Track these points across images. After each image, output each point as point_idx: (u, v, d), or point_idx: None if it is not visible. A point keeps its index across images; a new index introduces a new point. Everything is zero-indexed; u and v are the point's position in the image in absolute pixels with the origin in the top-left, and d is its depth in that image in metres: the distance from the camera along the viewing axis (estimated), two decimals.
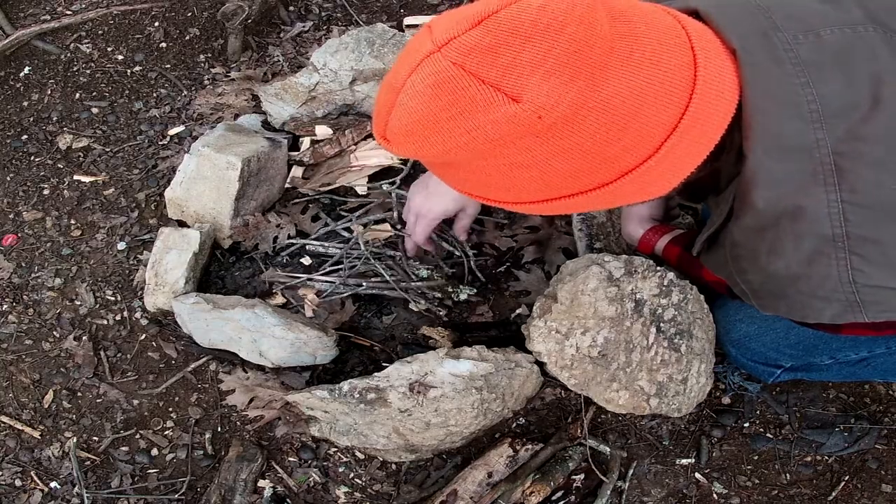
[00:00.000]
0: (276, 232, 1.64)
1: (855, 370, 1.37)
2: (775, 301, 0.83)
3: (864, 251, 0.74)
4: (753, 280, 0.84)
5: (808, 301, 0.79)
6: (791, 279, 0.78)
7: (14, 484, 1.45)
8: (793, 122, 0.73)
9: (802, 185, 0.74)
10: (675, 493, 1.43)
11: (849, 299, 0.76)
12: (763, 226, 0.79)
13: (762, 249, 0.80)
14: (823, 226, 0.74)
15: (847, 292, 0.76)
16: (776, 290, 0.81)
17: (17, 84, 2.02)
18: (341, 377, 1.46)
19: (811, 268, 0.76)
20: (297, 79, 1.83)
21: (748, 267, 0.84)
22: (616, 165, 0.71)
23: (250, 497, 1.40)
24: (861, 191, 0.72)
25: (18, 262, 1.71)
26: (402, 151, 0.74)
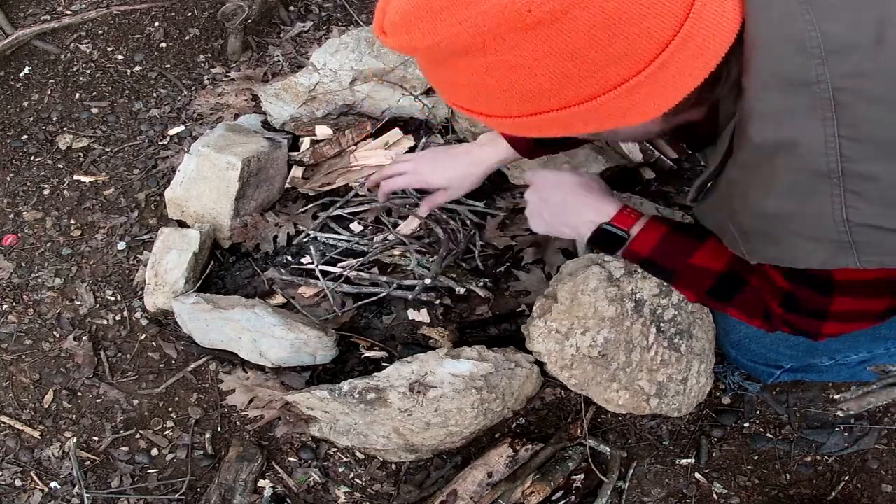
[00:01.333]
0: (275, 231, 1.64)
1: (855, 371, 1.36)
2: (765, 244, 0.80)
3: (860, 188, 0.71)
4: (745, 221, 0.82)
5: (799, 243, 0.76)
6: (783, 218, 0.77)
7: (14, 484, 1.45)
8: (795, 56, 0.72)
9: (800, 120, 0.72)
10: (675, 493, 1.43)
11: (841, 239, 0.73)
12: (758, 161, 0.77)
13: (756, 186, 0.78)
14: (819, 161, 0.72)
15: (840, 232, 0.73)
16: (767, 231, 0.79)
17: (17, 84, 2.02)
18: (341, 377, 1.46)
19: (804, 205, 0.74)
20: (297, 79, 1.83)
21: (740, 207, 0.82)
22: (603, 76, 0.70)
23: (250, 497, 1.40)
24: (860, 126, 0.71)
25: (18, 262, 1.71)
26: (396, 44, 0.74)
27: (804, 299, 0.96)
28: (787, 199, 0.75)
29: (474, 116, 0.80)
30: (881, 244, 0.73)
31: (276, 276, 1.59)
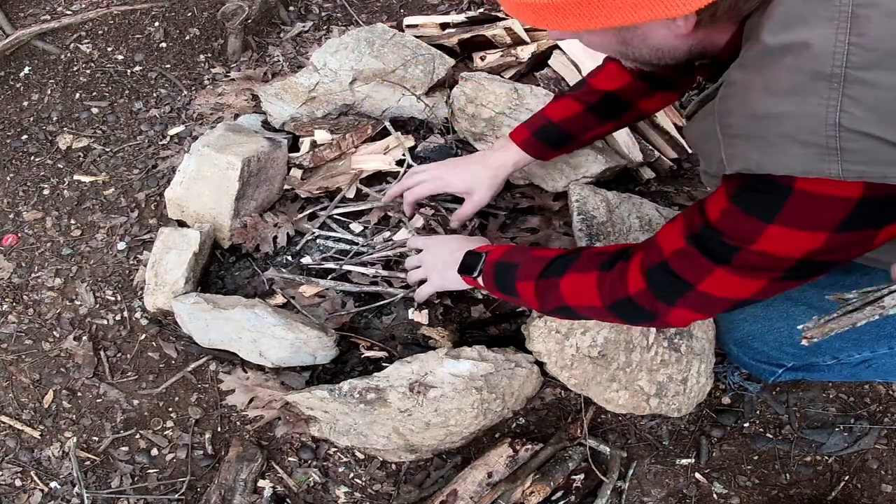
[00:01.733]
0: (275, 231, 1.64)
1: (856, 371, 1.36)
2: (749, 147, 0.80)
3: (858, 93, 0.72)
4: (735, 123, 0.82)
5: (786, 145, 0.76)
6: (776, 119, 0.77)
7: (14, 484, 1.45)
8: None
9: (815, 26, 0.74)
10: (675, 493, 1.43)
11: (829, 144, 0.73)
12: (765, 62, 0.78)
13: (757, 86, 0.79)
14: (825, 63, 0.73)
15: (829, 136, 0.73)
16: (756, 132, 0.79)
17: (17, 84, 2.02)
18: (341, 377, 1.46)
19: (800, 106, 0.75)
20: (297, 79, 1.83)
21: (735, 107, 0.82)
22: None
23: (250, 497, 1.40)
24: (870, 35, 0.72)
25: (18, 262, 1.71)
26: None
27: (681, 267, 0.97)
28: (785, 99, 0.76)
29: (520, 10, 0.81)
30: (867, 153, 0.73)
31: (276, 275, 1.59)
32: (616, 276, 1.07)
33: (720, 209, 0.90)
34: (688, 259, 0.96)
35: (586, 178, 1.66)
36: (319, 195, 1.69)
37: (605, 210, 1.57)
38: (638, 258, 1.06)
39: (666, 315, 1.04)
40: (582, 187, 1.61)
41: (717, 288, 0.96)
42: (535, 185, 1.70)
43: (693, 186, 1.79)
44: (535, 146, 1.45)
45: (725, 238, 0.90)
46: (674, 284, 0.99)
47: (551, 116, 1.43)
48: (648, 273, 1.03)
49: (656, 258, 1.01)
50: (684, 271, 0.97)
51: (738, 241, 0.89)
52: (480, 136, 1.73)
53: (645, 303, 1.04)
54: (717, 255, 0.92)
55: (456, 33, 1.95)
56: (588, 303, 1.13)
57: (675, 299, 1.01)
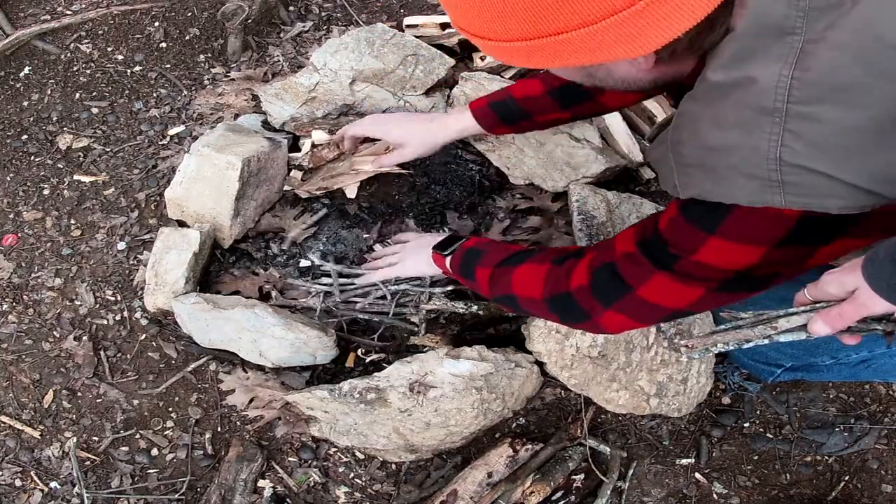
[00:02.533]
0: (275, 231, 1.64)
1: (855, 371, 1.37)
2: (701, 177, 0.81)
3: (799, 128, 0.73)
4: (687, 153, 0.83)
5: (733, 177, 0.77)
6: (724, 152, 0.78)
7: (14, 484, 1.45)
8: (778, 6, 0.75)
9: (763, 62, 0.75)
10: (675, 493, 1.43)
11: (770, 177, 0.75)
12: (714, 96, 0.79)
13: (706, 119, 0.80)
14: (768, 97, 0.74)
15: (770, 169, 0.74)
16: (706, 163, 0.80)
17: (17, 84, 2.02)
18: (341, 377, 1.46)
19: (745, 139, 0.76)
20: (297, 79, 1.83)
21: (686, 138, 0.83)
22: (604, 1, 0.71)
23: (250, 497, 1.40)
24: (815, 69, 0.72)
25: (18, 262, 1.71)
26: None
27: (625, 269, 1.00)
28: (731, 133, 0.77)
29: (477, 41, 0.82)
30: (808, 186, 0.74)
31: (276, 276, 1.59)
32: (563, 271, 1.10)
33: (669, 218, 0.92)
34: (633, 262, 0.99)
35: (586, 178, 1.66)
36: (320, 195, 1.69)
37: (605, 210, 1.57)
38: (589, 256, 1.08)
39: (598, 316, 1.06)
40: (582, 187, 1.61)
41: (654, 293, 0.98)
42: (535, 186, 1.70)
43: None
44: (488, 117, 1.46)
45: (670, 247, 0.93)
46: (614, 284, 1.02)
47: (513, 92, 1.44)
48: (594, 270, 1.05)
49: (607, 257, 1.04)
50: (627, 273, 1.00)
51: (679, 250, 0.91)
52: (481, 136, 1.73)
53: (582, 300, 1.07)
54: (659, 261, 0.95)
55: (456, 33, 1.95)
56: (530, 294, 1.15)
57: (612, 301, 1.03)
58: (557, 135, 1.69)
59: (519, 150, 1.68)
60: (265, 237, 1.67)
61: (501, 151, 1.70)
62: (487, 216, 1.68)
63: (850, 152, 0.72)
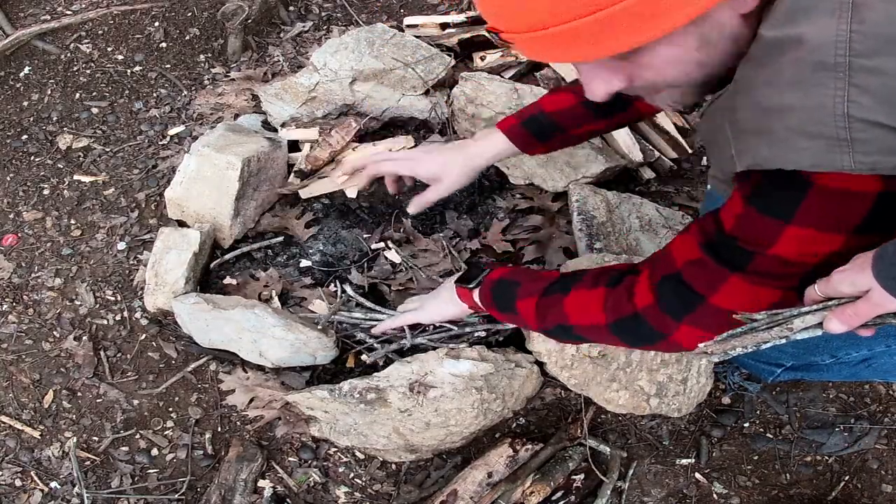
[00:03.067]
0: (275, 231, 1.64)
1: (856, 370, 1.36)
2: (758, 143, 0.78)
3: (865, 82, 0.70)
4: (743, 118, 0.80)
5: (794, 139, 0.74)
6: (783, 112, 0.75)
7: (14, 484, 1.45)
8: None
9: (816, 17, 0.73)
10: (675, 493, 1.43)
11: (838, 136, 0.71)
12: (767, 55, 0.76)
13: (761, 81, 0.77)
14: (827, 53, 0.71)
15: (838, 126, 0.71)
16: (764, 127, 0.77)
17: (17, 84, 2.02)
18: (341, 377, 1.46)
19: (806, 99, 0.73)
20: (297, 79, 1.83)
21: (741, 104, 0.80)
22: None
23: (250, 497, 1.40)
24: (871, 21, 0.70)
25: (18, 262, 1.71)
26: None
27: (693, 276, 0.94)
28: (790, 92, 0.74)
29: (506, 36, 0.79)
30: (879, 142, 0.71)
31: (276, 276, 1.59)
32: (623, 292, 1.03)
33: (735, 214, 0.87)
34: (701, 268, 0.93)
35: (586, 178, 1.66)
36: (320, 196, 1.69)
37: (605, 210, 1.57)
38: (647, 272, 1.01)
39: (673, 332, 0.98)
40: (582, 187, 1.61)
41: (728, 299, 0.92)
42: (535, 186, 1.70)
43: (693, 186, 1.79)
44: (522, 136, 1.37)
45: (741, 243, 0.87)
46: (684, 296, 0.95)
47: (544, 106, 1.36)
48: (658, 285, 0.98)
49: (667, 269, 0.98)
50: (696, 281, 0.94)
51: (754, 246, 0.86)
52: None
53: (652, 318, 0.99)
54: (731, 262, 0.89)
55: (456, 33, 1.95)
56: (590, 321, 1.08)
57: (684, 314, 0.96)
58: None
59: None
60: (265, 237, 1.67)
61: None
62: (487, 216, 1.68)
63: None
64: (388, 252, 1.62)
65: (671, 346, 1.02)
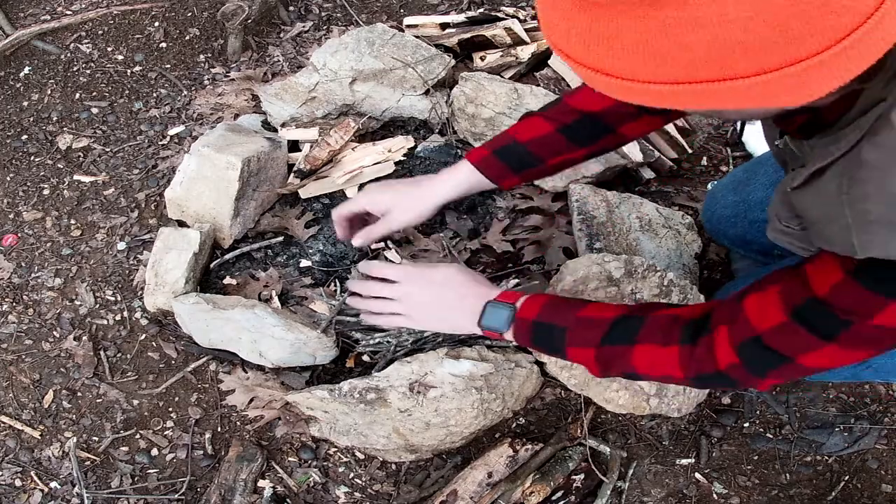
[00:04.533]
0: (275, 231, 1.64)
1: (856, 371, 1.36)
2: (891, 233, 0.73)
3: None
4: (873, 209, 0.75)
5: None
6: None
7: (14, 484, 1.45)
8: None
9: None
10: (675, 493, 1.43)
11: None
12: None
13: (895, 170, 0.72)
14: None
15: None
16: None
17: (17, 84, 2.02)
18: (341, 377, 1.46)
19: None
20: (297, 79, 1.83)
21: (873, 192, 0.74)
22: (790, 49, 0.61)
23: (250, 497, 1.40)
24: None
25: (18, 262, 1.71)
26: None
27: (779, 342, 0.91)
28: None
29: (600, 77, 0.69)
30: None
31: (276, 276, 1.59)
32: (703, 352, 0.99)
33: (831, 283, 0.83)
34: (789, 335, 0.90)
35: (586, 178, 1.66)
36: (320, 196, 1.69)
37: (605, 210, 1.57)
38: (724, 332, 0.98)
39: (754, 385, 0.99)
40: (582, 187, 1.61)
41: (817, 361, 0.90)
42: (535, 186, 1.70)
43: (693, 186, 1.79)
44: (494, 166, 1.27)
45: (837, 311, 0.83)
46: (769, 358, 0.93)
47: (517, 135, 1.26)
48: (740, 348, 0.96)
49: (748, 333, 0.94)
50: (783, 346, 0.91)
51: (852, 316, 0.82)
52: (480, 136, 1.73)
53: (736, 375, 0.98)
54: (825, 331, 0.86)
55: (456, 33, 1.95)
56: (666, 373, 1.04)
57: (768, 371, 0.95)
58: None
59: None
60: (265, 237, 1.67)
61: None
62: (487, 216, 1.68)
63: None
64: (388, 252, 1.62)
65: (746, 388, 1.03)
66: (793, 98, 0.65)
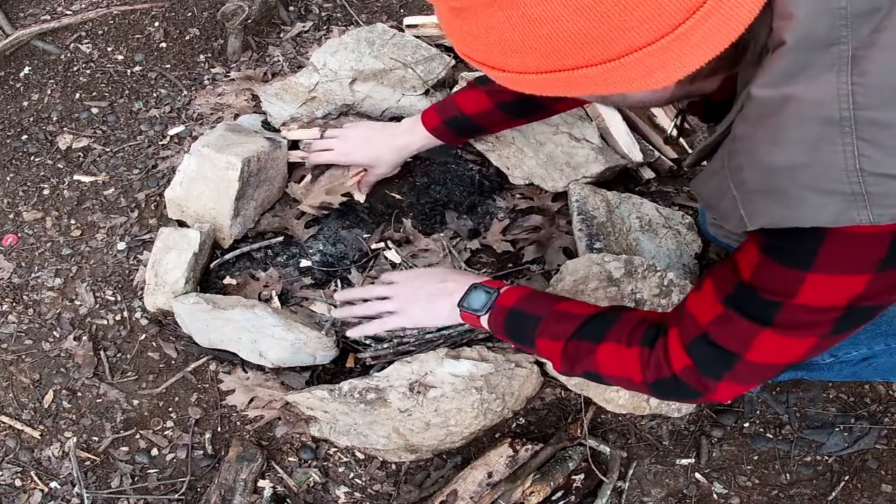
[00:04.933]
0: (275, 231, 1.64)
1: (856, 370, 1.37)
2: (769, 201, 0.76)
3: (873, 135, 0.69)
4: (749, 178, 0.78)
5: (807, 196, 0.73)
6: (790, 171, 0.73)
7: (14, 484, 1.45)
8: (822, 17, 0.71)
9: (817, 73, 0.71)
10: (675, 493, 1.43)
11: (853, 191, 0.70)
12: (766, 114, 0.75)
13: (763, 140, 0.76)
14: (831, 108, 0.70)
15: (852, 182, 0.70)
16: (774, 186, 0.75)
17: (17, 84, 2.02)
18: (341, 377, 1.46)
19: (815, 156, 0.71)
20: (297, 79, 1.83)
21: (745, 163, 0.78)
22: (628, 37, 0.68)
23: (250, 497, 1.40)
24: (872, 73, 0.69)
25: (18, 262, 1.71)
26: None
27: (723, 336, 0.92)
28: (797, 150, 0.73)
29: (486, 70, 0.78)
30: (894, 195, 0.70)
31: (276, 276, 1.59)
32: (660, 354, 1.02)
33: (752, 264, 0.86)
34: (729, 325, 0.91)
35: (586, 178, 1.66)
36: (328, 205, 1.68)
37: (605, 210, 1.57)
38: (675, 332, 1.00)
39: (712, 392, 0.98)
40: (582, 187, 1.61)
41: (764, 354, 0.91)
42: (535, 186, 1.70)
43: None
44: (445, 133, 1.53)
45: (763, 294, 0.86)
46: (718, 356, 0.94)
47: (463, 109, 1.48)
48: (690, 348, 0.97)
49: (694, 331, 0.96)
50: (727, 341, 0.92)
51: (777, 296, 0.84)
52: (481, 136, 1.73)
53: (690, 380, 0.98)
54: (758, 315, 0.88)
55: None
56: (626, 375, 1.07)
57: (723, 372, 0.95)
58: (557, 135, 1.70)
59: (519, 150, 1.68)
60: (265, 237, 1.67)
61: (501, 151, 1.70)
62: (487, 216, 1.68)
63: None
64: (389, 252, 1.62)
65: (708, 400, 1.04)
66: (643, 81, 0.71)
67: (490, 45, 0.74)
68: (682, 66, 0.71)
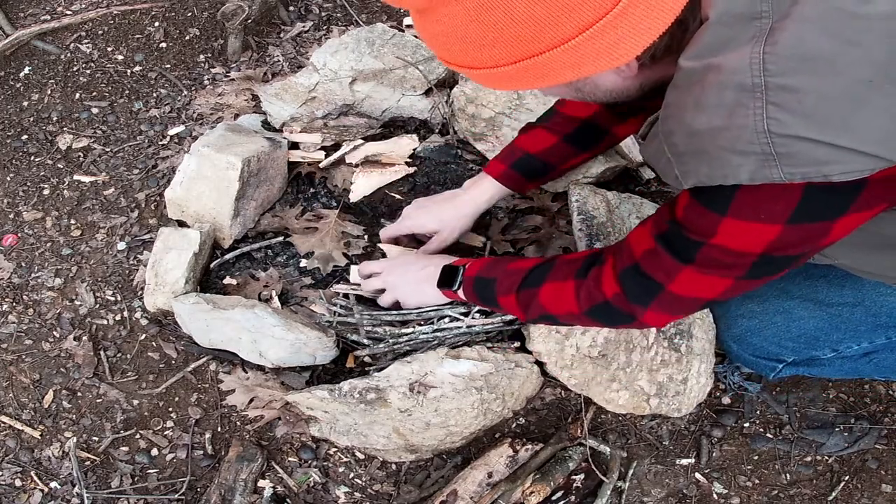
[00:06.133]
0: (275, 231, 1.64)
1: (857, 366, 1.37)
2: (697, 162, 0.83)
3: (781, 99, 0.75)
4: (679, 142, 0.85)
5: (727, 157, 0.79)
6: (712, 134, 0.80)
7: (14, 484, 1.45)
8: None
9: (736, 45, 0.78)
10: (675, 493, 1.43)
11: (764, 151, 0.76)
12: (691, 81, 0.81)
13: (688, 106, 0.82)
14: (745, 75, 0.76)
15: (762, 143, 0.76)
16: (698, 148, 0.82)
17: (17, 84, 2.02)
18: (341, 377, 1.46)
19: (731, 119, 0.77)
20: (297, 79, 1.83)
21: (675, 127, 0.85)
22: (576, 16, 0.74)
23: (250, 497, 1.40)
24: (783, 43, 0.75)
25: (18, 262, 1.71)
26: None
27: (651, 268, 1.01)
28: (716, 115, 0.79)
29: (465, 71, 0.84)
30: (804, 154, 0.75)
31: (276, 276, 1.59)
32: (592, 283, 1.12)
33: (683, 205, 0.94)
34: (657, 259, 1.00)
35: (586, 178, 1.66)
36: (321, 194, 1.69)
37: (605, 210, 1.57)
38: (610, 262, 1.10)
39: (641, 316, 1.08)
40: (582, 187, 1.61)
41: (685, 288, 1.00)
42: None
43: None
44: (513, 178, 1.46)
45: (688, 233, 0.94)
46: (646, 286, 1.04)
47: (527, 148, 1.45)
48: (621, 276, 1.07)
49: (628, 261, 1.06)
50: (654, 272, 1.02)
51: (699, 236, 0.92)
52: (480, 136, 1.73)
53: (621, 305, 1.09)
54: (682, 252, 0.96)
55: None
56: (567, 310, 1.17)
57: (649, 301, 1.05)
58: None
59: None
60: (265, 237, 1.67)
61: None
62: (488, 216, 1.68)
63: (834, 117, 0.74)
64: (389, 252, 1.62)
65: (642, 326, 1.14)
66: (605, 60, 0.78)
67: (459, 43, 0.80)
68: (637, 40, 0.77)
